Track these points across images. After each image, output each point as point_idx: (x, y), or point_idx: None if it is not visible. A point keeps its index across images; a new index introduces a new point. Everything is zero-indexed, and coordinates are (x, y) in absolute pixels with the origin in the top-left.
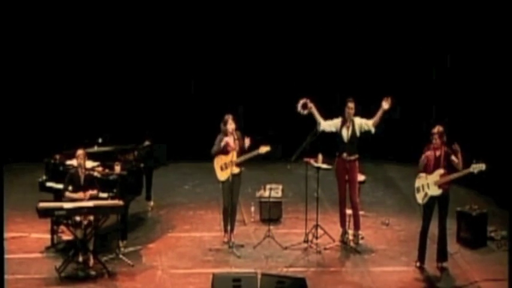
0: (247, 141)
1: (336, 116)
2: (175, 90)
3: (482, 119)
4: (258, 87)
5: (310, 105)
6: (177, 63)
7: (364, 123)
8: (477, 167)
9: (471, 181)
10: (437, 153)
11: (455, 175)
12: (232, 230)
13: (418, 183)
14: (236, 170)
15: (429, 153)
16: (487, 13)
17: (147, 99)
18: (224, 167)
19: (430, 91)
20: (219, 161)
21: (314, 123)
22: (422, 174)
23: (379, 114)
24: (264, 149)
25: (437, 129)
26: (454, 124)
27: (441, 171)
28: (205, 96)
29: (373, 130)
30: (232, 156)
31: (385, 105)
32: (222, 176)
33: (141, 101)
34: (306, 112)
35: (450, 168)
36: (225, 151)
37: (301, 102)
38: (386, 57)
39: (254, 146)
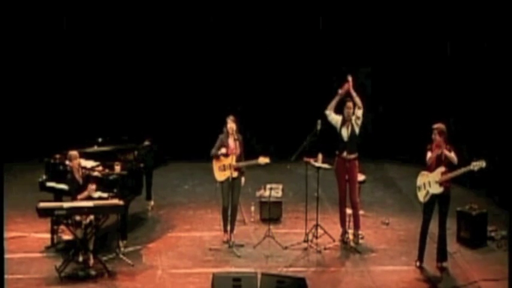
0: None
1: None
2: (175, 90)
3: (483, 119)
4: (259, 87)
5: (342, 92)
6: (177, 63)
7: (355, 116)
8: (477, 165)
9: (471, 181)
10: (439, 151)
11: (456, 173)
12: (232, 230)
13: (419, 181)
14: (235, 173)
15: (435, 151)
16: (488, 11)
17: (147, 99)
18: (222, 168)
19: (430, 91)
20: (217, 162)
21: (314, 123)
22: (424, 173)
23: (353, 96)
24: (263, 160)
25: (438, 126)
26: (454, 124)
27: (442, 169)
28: (205, 96)
29: (360, 113)
30: (232, 159)
31: (347, 85)
32: (220, 176)
33: (141, 101)
34: (340, 91)
35: (451, 166)
36: (225, 153)
37: (346, 86)
38: (386, 56)
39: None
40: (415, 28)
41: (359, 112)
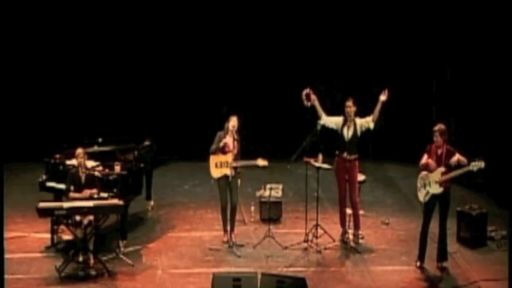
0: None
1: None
2: (175, 89)
3: (483, 119)
4: (259, 87)
5: (313, 97)
6: (177, 63)
7: (364, 122)
8: (476, 165)
9: (471, 181)
10: (439, 151)
11: (455, 173)
12: (232, 229)
13: (419, 181)
14: (231, 172)
15: (429, 158)
16: (486, 14)
17: (147, 99)
18: (219, 165)
19: (430, 90)
20: (215, 158)
21: (314, 122)
22: (424, 173)
23: (378, 107)
24: (261, 162)
25: (439, 127)
26: (454, 124)
27: (442, 169)
28: (205, 96)
29: (372, 126)
30: (230, 157)
31: (383, 97)
32: (216, 173)
33: (141, 101)
34: (309, 104)
35: (451, 166)
36: (223, 151)
37: (305, 92)
38: (386, 56)
39: (257, 151)
40: (414, 28)
41: (371, 124)
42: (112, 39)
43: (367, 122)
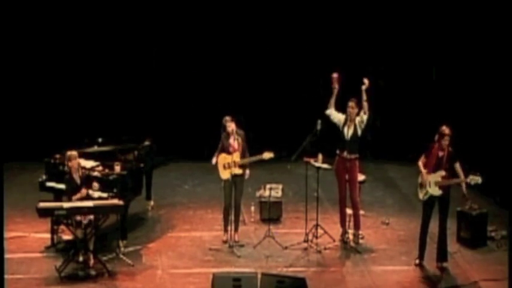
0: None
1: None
2: (176, 90)
3: (483, 119)
4: (259, 87)
5: (337, 86)
6: (177, 63)
7: (359, 118)
8: (474, 179)
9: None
10: (440, 153)
11: (452, 181)
12: (236, 229)
13: (421, 179)
14: (239, 171)
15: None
16: (486, 15)
17: (147, 99)
18: (227, 166)
19: (430, 91)
20: (222, 160)
21: (314, 123)
22: (425, 171)
23: (363, 98)
24: (267, 155)
25: (449, 130)
26: (453, 124)
27: (442, 173)
28: (205, 96)
29: (365, 118)
30: (236, 156)
31: (363, 86)
32: (224, 174)
33: (141, 101)
34: (334, 86)
35: (451, 171)
36: (228, 151)
37: (335, 74)
38: (386, 56)
39: (258, 150)
40: (414, 29)
41: (364, 117)
42: (112, 40)
43: (360, 117)
